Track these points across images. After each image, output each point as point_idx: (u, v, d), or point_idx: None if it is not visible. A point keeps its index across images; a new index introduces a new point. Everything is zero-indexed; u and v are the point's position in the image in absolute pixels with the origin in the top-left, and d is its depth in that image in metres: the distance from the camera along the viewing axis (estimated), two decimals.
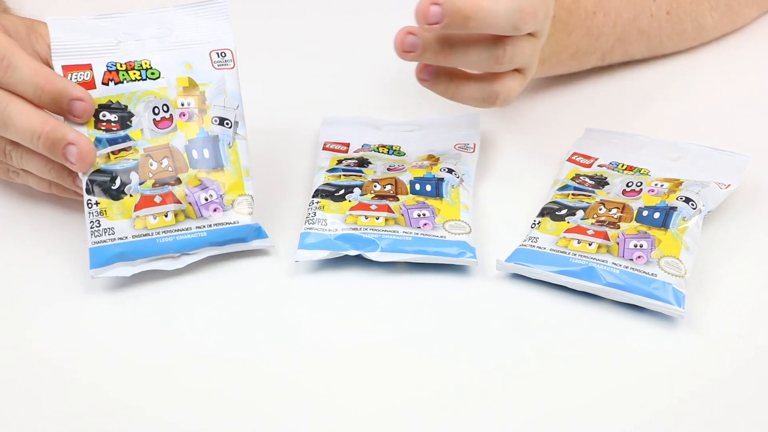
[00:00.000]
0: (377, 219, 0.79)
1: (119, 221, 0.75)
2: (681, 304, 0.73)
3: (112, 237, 0.75)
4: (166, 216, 0.76)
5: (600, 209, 0.79)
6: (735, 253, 0.79)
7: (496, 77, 0.79)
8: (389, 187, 0.81)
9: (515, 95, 0.80)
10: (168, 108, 0.78)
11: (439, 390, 0.69)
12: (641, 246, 0.75)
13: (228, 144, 0.79)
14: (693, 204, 0.78)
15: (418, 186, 0.81)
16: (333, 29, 1.06)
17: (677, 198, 0.79)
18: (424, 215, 0.79)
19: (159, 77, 0.78)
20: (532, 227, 0.79)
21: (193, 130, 0.78)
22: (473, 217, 0.80)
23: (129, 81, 0.78)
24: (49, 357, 0.71)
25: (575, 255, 0.76)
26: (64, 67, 0.77)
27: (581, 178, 0.83)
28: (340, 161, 0.84)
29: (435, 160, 0.84)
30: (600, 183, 0.82)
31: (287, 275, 0.77)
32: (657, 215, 0.78)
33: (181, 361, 0.71)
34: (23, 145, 0.77)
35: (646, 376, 0.70)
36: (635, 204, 0.79)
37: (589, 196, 0.81)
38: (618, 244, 0.76)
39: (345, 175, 0.82)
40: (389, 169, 0.83)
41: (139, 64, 0.78)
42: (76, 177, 0.77)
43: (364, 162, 0.84)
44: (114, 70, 0.78)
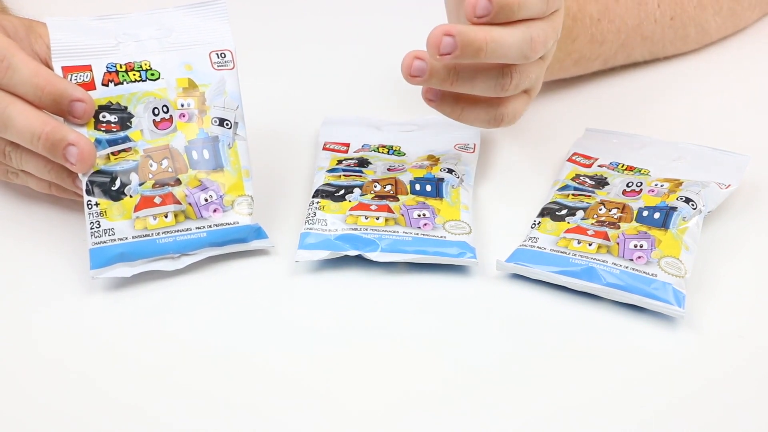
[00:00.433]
0: (377, 219, 0.79)
1: (119, 222, 0.75)
2: (681, 304, 0.73)
3: (112, 238, 0.75)
4: (166, 217, 0.76)
5: (600, 209, 0.79)
6: (735, 253, 0.79)
7: (502, 100, 0.79)
8: (389, 188, 0.81)
9: (520, 115, 0.80)
10: (168, 109, 0.78)
11: (439, 390, 0.69)
12: (641, 246, 0.75)
13: (228, 145, 0.78)
14: (693, 204, 0.78)
15: (418, 186, 0.81)
16: (333, 30, 1.05)
17: (677, 198, 0.79)
18: (424, 215, 0.79)
19: (159, 78, 0.78)
20: (532, 227, 0.79)
21: (193, 130, 0.78)
22: (473, 217, 0.80)
23: (129, 82, 0.78)
24: (50, 357, 0.71)
25: (575, 255, 0.76)
26: (63, 68, 0.77)
27: (581, 178, 0.83)
28: (340, 161, 0.84)
29: (435, 160, 0.84)
30: (600, 183, 0.82)
31: (287, 275, 0.77)
32: (657, 215, 0.78)
33: (181, 361, 0.71)
34: (23, 146, 0.77)
35: (646, 376, 0.70)
36: (635, 204, 0.79)
37: (589, 196, 0.81)
38: (618, 244, 0.76)
39: (345, 176, 0.82)
40: (389, 170, 0.83)
41: (139, 65, 0.78)
42: (75, 178, 0.77)
43: (364, 162, 0.84)
44: (114, 71, 0.78)
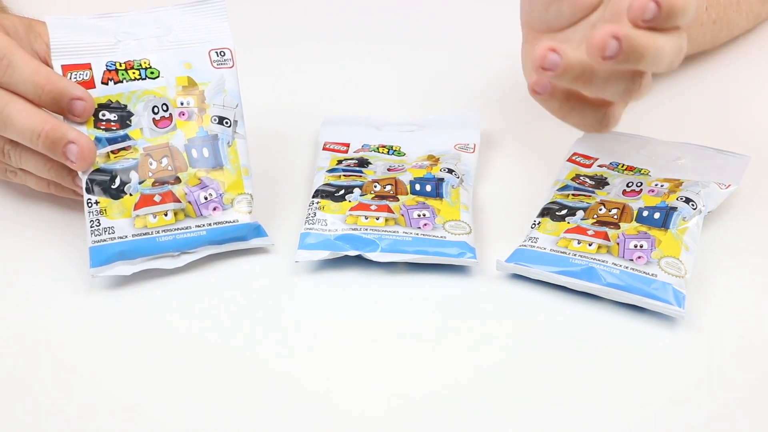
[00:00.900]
0: (377, 219, 0.78)
1: (119, 220, 0.75)
2: (681, 304, 0.73)
3: (112, 236, 0.75)
4: (165, 215, 0.76)
5: (600, 209, 0.79)
6: (735, 253, 0.79)
7: (611, 103, 0.76)
8: (389, 188, 0.81)
9: (620, 119, 0.78)
10: (167, 107, 0.78)
11: (439, 390, 0.69)
12: (641, 246, 0.75)
13: (227, 143, 0.79)
14: (693, 204, 0.78)
15: (418, 186, 0.81)
16: (333, 29, 1.06)
17: (677, 198, 0.79)
18: (424, 215, 0.79)
19: (158, 76, 0.78)
20: (532, 227, 0.79)
21: (193, 129, 0.78)
22: (473, 217, 0.80)
23: (128, 80, 0.78)
24: (50, 355, 0.71)
25: (575, 255, 0.76)
26: (63, 67, 0.77)
27: (581, 178, 0.83)
28: (340, 161, 0.84)
29: (435, 160, 0.84)
30: (600, 183, 0.82)
31: (287, 275, 0.77)
32: (657, 215, 0.78)
33: (181, 360, 0.71)
34: (22, 145, 0.77)
35: (646, 376, 0.70)
36: (635, 204, 0.79)
37: (589, 196, 0.81)
38: (618, 244, 0.76)
39: (345, 176, 0.82)
40: (389, 170, 0.83)
41: (138, 63, 0.78)
42: (75, 176, 0.77)
43: (364, 162, 0.84)
44: (113, 69, 0.78)
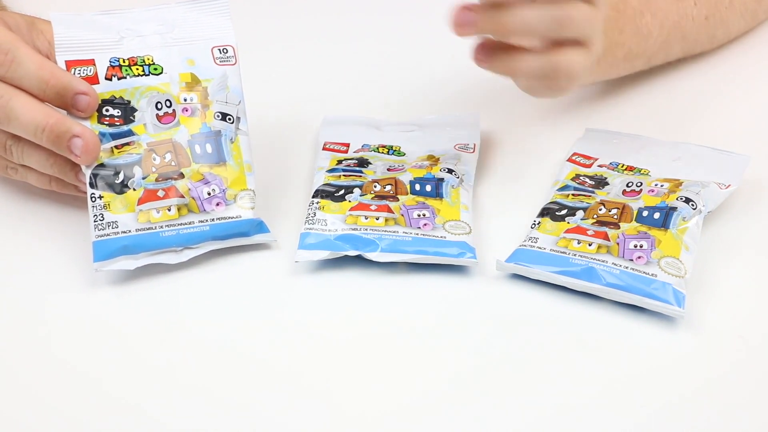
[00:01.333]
0: (377, 219, 0.79)
1: (123, 215, 0.76)
2: (681, 304, 0.73)
3: (115, 230, 0.75)
4: (169, 210, 0.76)
5: (600, 209, 0.79)
6: (735, 253, 0.79)
7: (555, 48, 0.76)
8: (389, 188, 0.81)
9: (579, 73, 0.77)
10: (171, 103, 0.78)
11: (439, 390, 0.69)
12: (641, 246, 0.76)
13: (230, 139, 0.79)
14: (693, 204, 0.78)
15: (418, 186, 0.81)
16: (334, 28, 1.05)
17: (677, 198, 0.79)
18: (424, 215, 0.79)
19: (162, 73, 0.79)
20: (532, 227, 0.79)
21: (196, 125, 0.78)
22: (473, 217, 0.80)
23: (132, 76, 0.78)
24: (53, 349, 0.72)
25: (575, 255, 0.76)
26: (67, 62, 0.77)
27: (581, 178, 0.83)
28: (340, 161, 0.84)
29: (435, 160, 0.84)
30: (600, 183, 0.82)
31: (287, 275, 0.77)
32: (657, 215, 0.78)
33: (181, 357, 0.71)
34: (25, 140, 0.77)
35: (645, 375, 0.70)
36: (635, 204, 0.79)
37: (589, 196, 0.81)
38: (618, 244, 0.76)
39: (345, 176, 0.82)
40: (389, 170, 0.83)
41: (142, 59, 0.79)
42: (78, 171, 0.77)
43: (364, 162, 0.84)
44: (117, 65, 0.78)
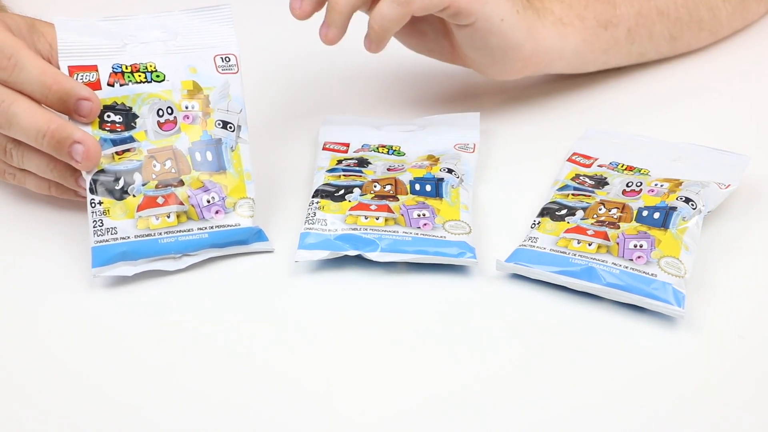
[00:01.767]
0: (377, 219, 0.79)
1: (122, 221, 0.76)
2: (681, 304, 0.73)
3: (114, 236, 0.75)
4: (168, 217, 0.76)
5: (600, 209, 0.79)
6: (735, 253, 0.79)
7: None
8: (389, 187, 0.81)
9: (389, 25, 0.80)
10: (172, 110, 0.78)
11: (439, 390, 0.69)
12: (641, 246, 0.76)
13: (231, 147, 0.79)
14: (693, 204, 0.78)
15: (417, 186, 0.81)
16: None
17: (677, 198, 0.79)
18: (424, 215, 0.79)
19: (164, 80, 0.79)
20: (531, 227, 0.79)
21: (197, 133, 0.79)
22: (473, 217, 0.80)
23: (134, 83, 0.78)
24: (51, 354, 0.72)
25: (575, 255, 0.76)
26: (69, 68, 0.77)
27: (581, 178, 0.83)
28: (340, 161, 0.84)
29: (435, 160, 0.84)
30: (600, 183, 0.82)
31: (287, 275, 0.77)
32: (657, 215, 0.78)
33: (181, 360, 0.71)
34: (25, 144, 0.77)
35: (646, 376, 0.70)
36: (635, 204, 0.79)
37: (589, 196, 0.81)
38: (618, 244, 0.76)
39: (345, 175, 0.82)
40: (389, 169, 0.83)
41: (144, 66, 0.79)
42: (78, 177, 0.77)
43: (364, 162, 0.84)
44: (119, 71, 0.78)
